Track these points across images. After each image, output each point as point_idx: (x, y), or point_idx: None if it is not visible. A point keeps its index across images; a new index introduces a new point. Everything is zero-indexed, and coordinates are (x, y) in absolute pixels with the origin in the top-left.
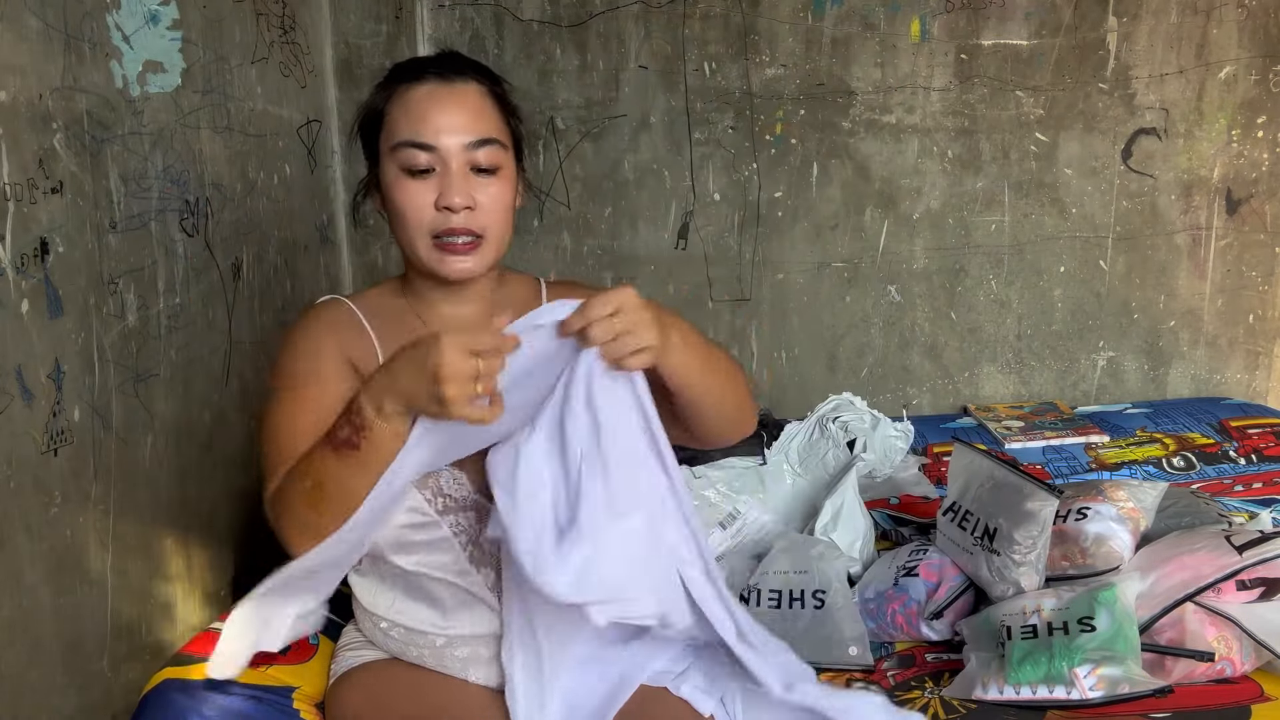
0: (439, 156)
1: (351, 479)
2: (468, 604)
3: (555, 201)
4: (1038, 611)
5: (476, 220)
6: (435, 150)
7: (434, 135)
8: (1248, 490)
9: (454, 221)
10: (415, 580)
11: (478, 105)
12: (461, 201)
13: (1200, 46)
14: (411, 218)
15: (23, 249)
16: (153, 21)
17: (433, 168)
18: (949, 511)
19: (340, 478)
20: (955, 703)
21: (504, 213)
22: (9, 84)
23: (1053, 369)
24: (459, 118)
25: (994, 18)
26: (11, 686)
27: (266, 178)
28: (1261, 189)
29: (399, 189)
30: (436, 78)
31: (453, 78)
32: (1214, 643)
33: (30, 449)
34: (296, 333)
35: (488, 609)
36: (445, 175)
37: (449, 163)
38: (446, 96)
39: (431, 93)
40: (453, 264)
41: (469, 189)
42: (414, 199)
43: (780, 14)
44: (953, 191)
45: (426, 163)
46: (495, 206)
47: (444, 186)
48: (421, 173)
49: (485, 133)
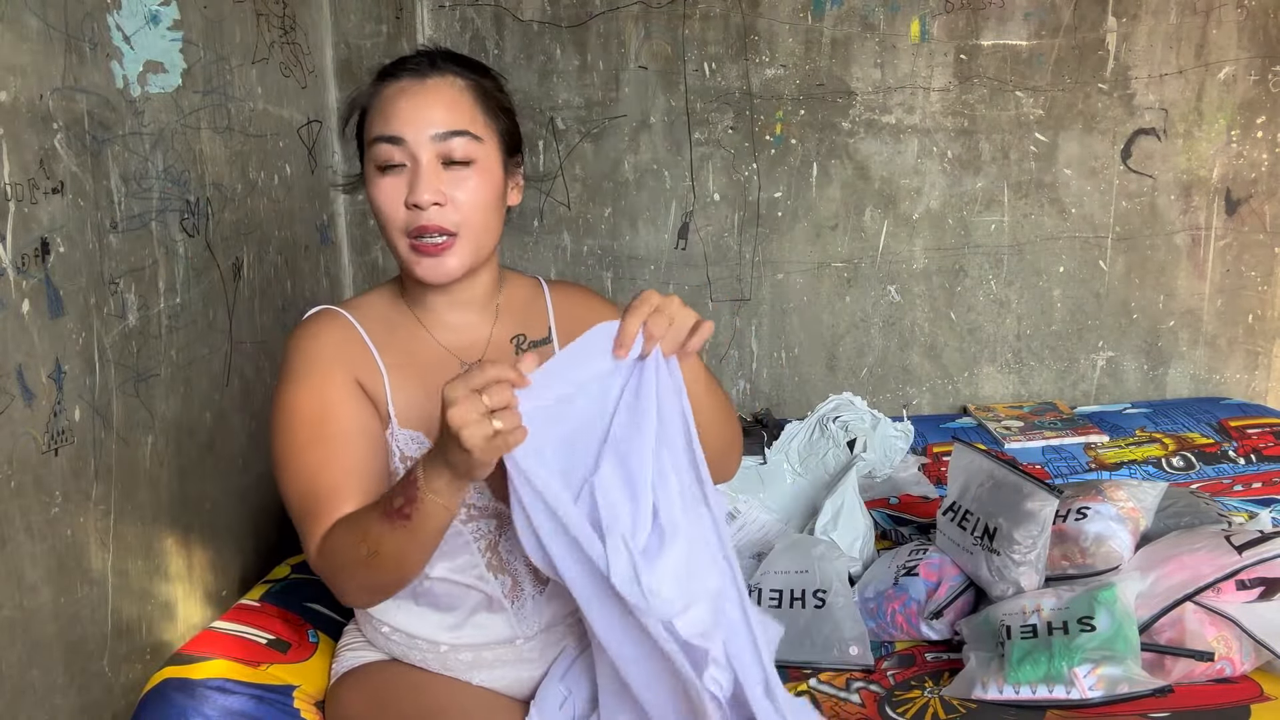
0: (408, 151)
1: (407, 547)
2: (480, 609)
3: (555, 201)
4: (1037, 611)
5: (448, 217)
6: (404, 144)
7: (402, 128)
8: (1247, 490)
9: (423, 219)
10: (425, 587)
11: (451, 98)
12: (429, 198)
13: (1200, 47)
14: (387, 215)
15: (24, 249)
16: (153, 22)
17: (404, 163)
18: (949, 511)
19: (396, 545)
20: (955, 702)
21: (481, 209)
22: (10, 84)
23: (1052, 369)
24: (429, 111)
25: (994, 18)
26: (11, 686)
27: (267, 178)
28: (1261, 189)
29: (374, 186)
30: (412, 74)
31: (428, 72)
32: (1213, 642)
33: (31, 449)
34: (296, 360)
35: (499, 616)
36: (415, 170)
37: (418, 156)
38: (418, 91)
39: (404, 88)
40: (428, 266)
41: (439, 184)
42: (388, 197)
43: (780, 14)
44: (952, 192)
45: (398, 158)
46: (471, 201)
47: (412, 181)
48: (393, 168)
49: (455, 124)
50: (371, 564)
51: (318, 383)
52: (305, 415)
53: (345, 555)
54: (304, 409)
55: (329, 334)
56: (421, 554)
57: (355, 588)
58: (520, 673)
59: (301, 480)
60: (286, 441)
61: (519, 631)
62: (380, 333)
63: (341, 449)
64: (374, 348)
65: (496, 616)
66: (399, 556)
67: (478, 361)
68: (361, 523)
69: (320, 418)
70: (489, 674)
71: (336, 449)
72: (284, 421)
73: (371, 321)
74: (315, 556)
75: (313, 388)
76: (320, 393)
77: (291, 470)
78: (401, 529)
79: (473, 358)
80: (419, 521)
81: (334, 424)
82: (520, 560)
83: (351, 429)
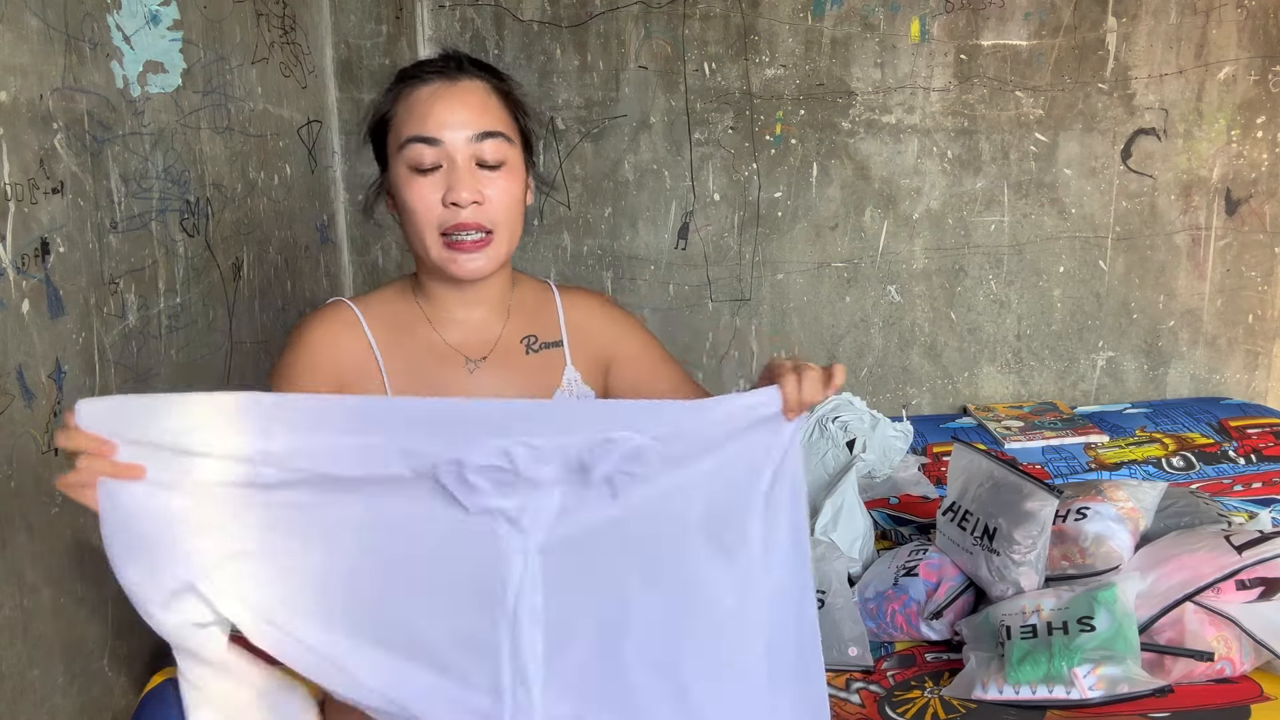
0: (444, 152)
1: None
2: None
3: (555, 201)
4: (1037, 611)
5: (485, 215)
6: (440, 144)
7: (438, 129)
8: (1247, 490)
9: (462, 216)
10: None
11: (482, 101)
12: (469, 196)
13: (1200, 47)
14: (421, 215)
15: (24, 249)
16: (153, 22)
17: (439, 164)
18: (949, 511)
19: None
20: (955, 702)
21: (513, 208)
22: (10, 84)
23: (1052, 369)
24: (463, 113)
25: (993, 18)
26: (12, 686)
27: (267, 178)
28: (1261, 189)
29: (408, 188)
30: (441, 76)
31: (457, 76)
32: (1213, 642)
33: (31, 449)
34: (291, 353)
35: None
36: (452, 170)
37: (454, 157)
38: (450, 93)
39: (436, 91)
40: (464, 263)
41: (476, 184)
42: (423, 196)
43: (780, 14)
44: (952, 191)
45: (433, 159)
46: (504, 201)
47: (451, 182)
48: (429, 170)
49: (490, 126)
50: None
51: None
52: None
53: None
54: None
55: (329, 331)
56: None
57: None
58: None
59: None
60: None
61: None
62: (385, 330)
63: None
64: (375, 345)
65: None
66: None
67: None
68: None
69: None
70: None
71: None
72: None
73: (379, 317)
74: None
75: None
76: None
77: None
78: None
79: (480, 355)
80: None
81: None
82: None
83: None
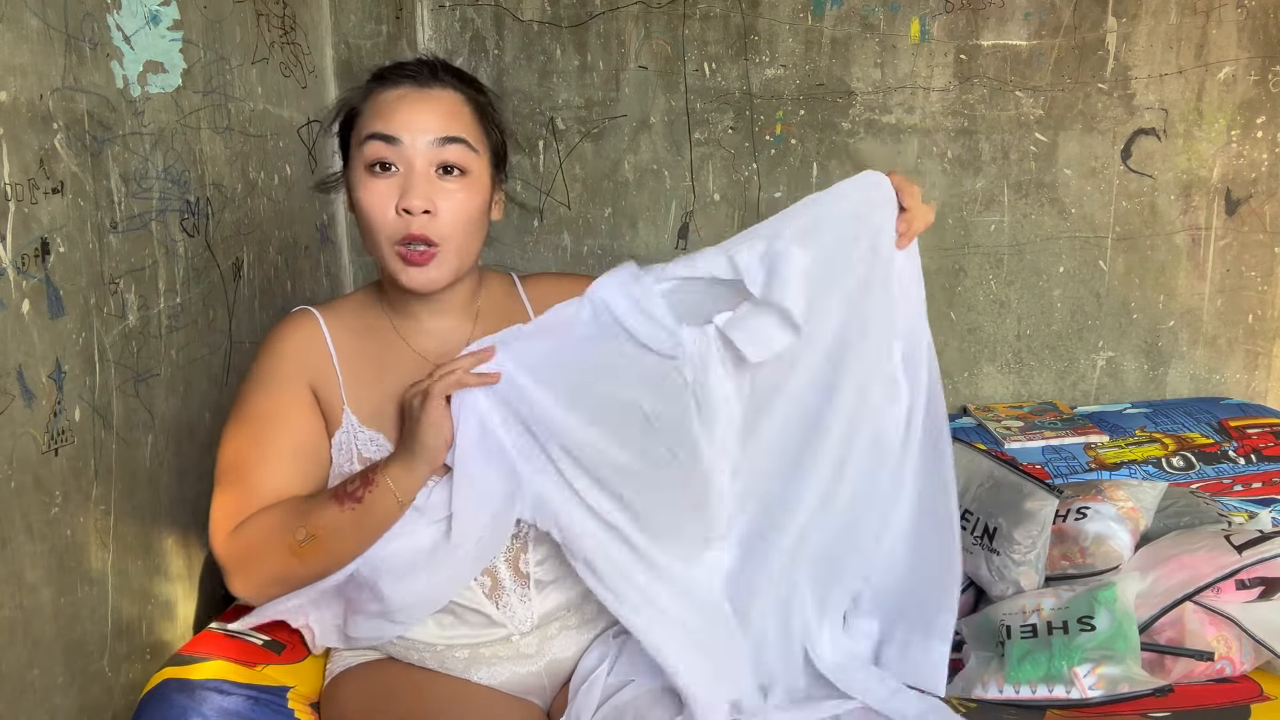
0: (403, 154)
1: (348, 532)
2: (468, 609)
3: (555, 201)
4: (1037, 611)
5: (434, 227)
6: (400, 144)
7: (399, 129)
8: (1247, 490)
9: (413, 227)
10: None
11: (451, 109)
12: (420, 204)
13: (1200, 47)
14: (375, 219)
15: (24, 249)
16: (153, 22)
17: (397, 166)
18: None
19: (338, 530)
20: (955, 702)
21: (466, 223)
22: (9, 84)
23: (1052, 369)
24: (428, 118)
25: (993, 18)
26: (11, 686)
27: (267, 178)
28: (1261, 189)
29: (363, 186)
30: (413, 81)
31: (429, 83)
32: (1213, 642)
33: (31, 449)
34: (261, 362)
35: (484, 617)
36: (409, 176)
37: (413, 162)
38: (419, 97)
39: (405, 95)
40: (413, 275)
41: (430, 193)
42: (377, 198)
43: (780, 14)
44: (952, 191)
45: (391, 157)
46: (457, 214)
47: (405, 187)
48: (385, 168)
49: (454, 132)
50: (302, 551)
51: (275, 390)
52: (257, 414)
53: (270, 539)
54: (257, 409)
55: (294, 339)
56: (359, 544)
57: (265, 577)
58: (519, 668)
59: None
60: (234, 426)
61: (513, 628)
62: (348, 337)
63: (276, 460)
64: (334, 352)
65: (485, 615)
66: (336, 543)
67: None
68: (304, 506)
69: (268, 422)
70: (487, 671)
71: (273, 458)
72: (237, 409)
73: (342, 326)
74: (224, 538)
75: (269, 394)
76: (276, 399)
77: (229, 450)
78: (349, 512)
79: None
80: (369, 504)
81: (279, 435)
82: (501, 559)
83: (293, 444)
